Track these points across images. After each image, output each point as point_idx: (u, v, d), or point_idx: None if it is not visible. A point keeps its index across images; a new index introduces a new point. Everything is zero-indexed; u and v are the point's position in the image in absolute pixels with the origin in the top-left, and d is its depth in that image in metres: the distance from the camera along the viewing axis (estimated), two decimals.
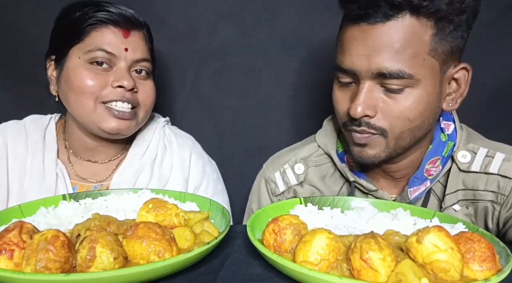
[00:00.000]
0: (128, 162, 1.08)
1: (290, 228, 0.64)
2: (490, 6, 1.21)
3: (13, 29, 1.26)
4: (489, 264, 0.58)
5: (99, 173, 1.08)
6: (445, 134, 0.96)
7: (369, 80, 0.82)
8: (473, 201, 0.91)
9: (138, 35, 1.01)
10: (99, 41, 0.96)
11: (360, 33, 0.81)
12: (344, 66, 0.84)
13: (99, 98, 0.97)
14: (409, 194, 0.93)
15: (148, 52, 1.04)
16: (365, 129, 0.85)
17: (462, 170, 0.91)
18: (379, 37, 0.79)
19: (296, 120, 1.36)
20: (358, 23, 0.81)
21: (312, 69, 1.32)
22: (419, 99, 0.82)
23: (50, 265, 0.54)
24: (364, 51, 0.81)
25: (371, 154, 0.88)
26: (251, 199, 1.11)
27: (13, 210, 0.74)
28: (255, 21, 1.30)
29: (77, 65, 0.97)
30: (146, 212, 0.69)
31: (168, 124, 1.20)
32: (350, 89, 0.87)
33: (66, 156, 1.08)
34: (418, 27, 0.79)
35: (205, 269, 0.63)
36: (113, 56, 0.97)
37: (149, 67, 1.04)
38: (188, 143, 1.15)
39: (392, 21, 0.78)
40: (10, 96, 1.31)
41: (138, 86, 1.01)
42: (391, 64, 0.79)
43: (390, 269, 0.56)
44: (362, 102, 0.82)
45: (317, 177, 1.03)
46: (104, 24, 0.97)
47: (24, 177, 1.01)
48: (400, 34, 0.79)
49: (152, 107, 1.07)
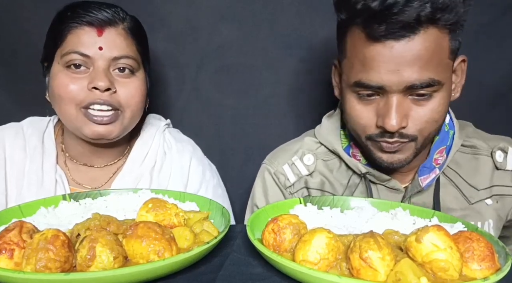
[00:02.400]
0: (127, 168, 1.06)
1: (290, 228, 0.64)
2: (490, 6, 1.21)
3: (13, 29, 1.26)
4: (488, 263, 0.58)
5: (97, 179, 1.06)
6: (446, 125, 1.00)
7: (398, 93, 0.83)
8: (504, 196, 0.98)
9: (114, 31, 0.96)
10: (73, 44, 0.94)
11: (387, 51, 0.80)
12: (372, 83, 0.83)
13: (78, 104, 0.94)
14: (420, 182, 0.96)
15: (130, 48, 0.98)
16: (398, 139, 0.87)
17: (498, 168, 0.98)
18: (407, 52, 0.80)
19: (296, 120, 1.36)
20: (383, 41, 0.80)
21: (312, 69, 1.32)
22: (444, 100, 0.86)
23: (50, 264, 0.54)
24: (393, 67, 0.81)
25: (402, 159, 0.90)
26: (255, 196, 1.10)
27: (13, 210, 0.74)
28: (255, 21, 1.30)
29: (56, 71, 0.96)
30: (146, 211, 0.69)
31: (169, 127, 1.18)
32: (374, 102, 0.87)
33: (63, 160, 1.06)
34: (439, 35, 0.81)
35: (205, 269, 0.63)
36: (88, 58, 0.94)
37: (132, 64, 0.98)
38: (188, 149, 1.14)
39: (417, 35, 0.79)
40: (10, 96, 1.31)
41: (119, 86, 0.96)
42: (422, 75, 0.81)
43: (389, 268, 0.56)
44: (396, 116, 0.83)
45: (326, 169, 1.04)
46: (78, 25, 0.94)
47: (22, 182, 1.00)
48: (426, 46, 0.80)
49: (140, 107, 1.02)
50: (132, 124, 1.04)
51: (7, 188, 1.00)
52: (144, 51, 1.04)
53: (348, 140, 1.04)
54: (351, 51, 0.87)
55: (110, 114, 0.96)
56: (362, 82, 0.84)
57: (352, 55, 0.87)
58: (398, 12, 0.76)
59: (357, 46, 0.85)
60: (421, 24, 0.79)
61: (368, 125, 0.88)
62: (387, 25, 0.78)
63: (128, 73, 0.98)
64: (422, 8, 0.76)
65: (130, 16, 1.01)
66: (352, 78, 0.87)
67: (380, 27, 0.78)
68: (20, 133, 1.05)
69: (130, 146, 1.10)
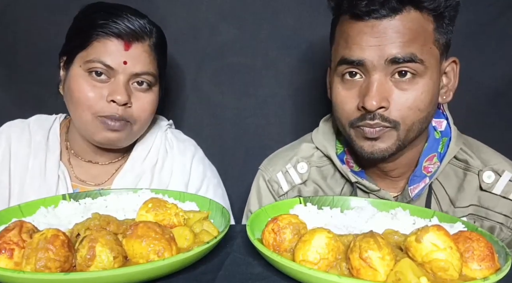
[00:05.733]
0: (128, 166, 1.07)
1: (290, 228, 0.64)
2: (490, 6, 1.21)
3: (13, 29, 1.27)
4: (488, 263, 0.58)
5: (99, 176, 1.07)
6: (438, 132, 0.98)
7: (380, 71, 0.84)
8: (482, 218, 0.94)
9: (141, 47, 0.98)
10: (99, 53, 0.95)
11: (369, 28, 0.83)
12: (353, 58, 0.85)
13: (95, 113, 0.96)
14: (409, 192, 0.94)
15: (152, 64, 1.00)
16: (379, 122, 0.85)
17: (483, 189, 0.94)
18: (389, 29, 0.82)
19: (296, 120, 1.36)
20: (365, 20, 0.83)
21: (312, 69, 1.32)
22: (428, 88, 0.85)
23: (50, 264, 0.54)
24: (375, 42, 0.83)
25: (383, 148, 0.88)
26: (250, 202, 1.11)
27: (13, 209, 0.74)
28: (255, 21, 1.30)
29: (77, 74, 0.97)
30: (146, 211, 0.69)
31: (171, 128, 1.19)
32: (356, 84, 0.87)
33: (67, 158, 1.07)
34: (422, 20, 0.83)
35: (205, 269, 0.63)
36: (111, 69, 0.95)
37: (152, 80, 1.01)
38: (190, 148, 1.15)
39: (398, 15, 0.82)
40: (10, 96, 1.31)
41: (134, 100, 0.99)
42: (403, 50, 0.82)
43: (389, 268, 0.56)
44: (377, 94, 0.83)
45: (320, 177, 1.04)
46: (107, 35, 0.95)
47: (25, 177, 1.01)
48: (409, 26, 0.83)
49: (149, 120, 1.05)
50: (139, 134, 1.07)
51: (10, 183, 1.01)
52: (163, 66, 1.06)
53: (343, 146, 1.04)
54: (338, 35, 0.90)
55: (122, 123, 0.98)
56: (345, 57, 0.86)
57: (338, 37, 0.90)
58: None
59: (343, 28, 0.88)
60: (402, 5, 0.81)
61: (351, 110, 0.88)
62: (368, 2, 0.80)
63: (145, 87, 1.01)
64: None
65: (156, 28, 1.02)
66: (337, 58, 0.88)
67: (362, 4, 0.81)
68: (26, 129, 1.06)
69: (132, 145, 1.11)
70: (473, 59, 1.00)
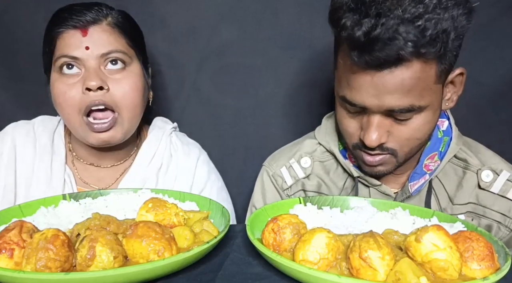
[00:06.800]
0: (133, 170, 1.06)
1: (290, 227, 0.64)
2: (490, 6, 1.21)
3: (13, 29, 1.27)
4: (488, 262, 0.58)
5: (103, 179, 1.07)
6: (441, 131, 0.99)
7: (379, 113, 0.84)
8: (479, 216, 0.96)
9: (99, 28, 0.95)
10: (62, 48, 0.94)
11: (369, 78, 0.81)
12: (354, 102, 0.85)
13: (79, 111, 0.94)
14: (409, 188, 0.96)
15: (118, 42, 0.96)
16: (379, 152, 0.89)
17: (481, 188, 0.95)
18: (388, 82, 0.80)
19: (296, 120, 1.36)
20: (365, 69, 0.80)
21: (312, 69, 1.32)
22: (427, 120, 0.86)
23: (50, 264, 0.54)
24: (374, 92, 0.81)
25: (383, 170, 0.93)
26: (254, 197, 1.12)
27: (13, 209, 0.74)
28: (255, 21, 1.30)
29: (54, 79, 0.96)
30: (146, 211, 0.69)
31: (176, 131, 1.19)
32: (359, 115, 0.89)
33: (70, 160, 1.07)
34: (425, 67, 0.79)
35: (205, 268, 0.63)
36: (77, 59, 0.93)
37: (123, 57, 0.96)
38: (194, 151, 1.14)
39: (399, 67, 0.78)
40: (10, 96, 1.31)
41: (111, 83, 0.95)
42: (402, 102, 0.81)
43: (389, 268, 0.56)
44: (375, 134, 0.85)
45: (323, 172, 1.05)
46: (64, 30, 0.94)
47: (31, 181, 1.00)
48: (409, 76, 0.79)
49: (137, 104, 0.99)
50: (134, 125, 1.03)
51: (16, 186, 1.00)
52: (136, 44, 1.02)
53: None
54: (340, 66, 0.87)
55: (109, 119, 0.95)
56: (347, 99, 0.86)
57: (340, 70, 0.87)
58: (380, 49, 0.75)
59: (345, 64, 0.85)
60: (404, 59, 0.77)
61: (354, 135, 0.91)
62: (368, 56, 0.77)
63: (120, 66, 0.97)
64: (404, 46, 0.74)
65: (116, 11, 1.00)
66: (339, 92, 0.88)
67: (362, 57, 0.78)
68: (31, 131, 1.05)
69: (137, 148, 1.11)
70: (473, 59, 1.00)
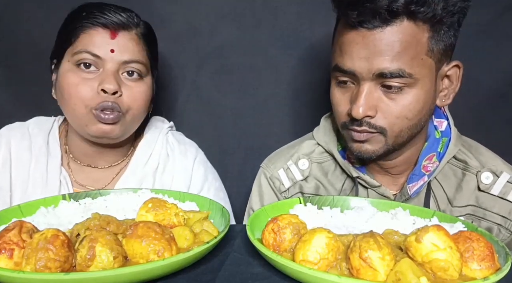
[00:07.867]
0: (130, 170, 1.06)
1: (290, 228, 0.64)
2: (490, 6, 1.21)
3: (13, 29, 1.27)
4: (488, 263, 0.58)
5: (100, 180, 1.06)
6: (439, 131, 0.99)
7: (369, 81, 0.84)
8: (480, 218, 0.94)
9: (128, 35, 0.97)
10: (86, 43, 0.95)
11: (360, 38, 0.82)
12: (345, 67, 0.86)
13: (88, 105, 0.94)
14: (408, 190, 0.95)
15: (141, 53, 0.99)
16: (366, 128, 0.87)
17: (481, 190, 0.94)
18: (379, 41, 0.81)
19: (296, 120, 1.36)
20: (357, 29, 0.82)
21: (312, 69, 1.32)
22: (417, 98, 0.85)
23: (50, 264, 0.54)
24: (364, 54, 0.82)
25: (370, 150, 0.90)
26: (252, 200, 1.11)
27: (13, 209, 0.74)
28: (255, 21, 1.30)
29: (67, 69, 0.96)
30: (146, 211, 0.69)
31: (172, 130, 1.19)
32: (349, 90, 0.89)
33: (66, 162, 1.06)
34: (416, 30, 0.81)
35: (205, 269, 0.63)
36: (99, 58, 0.94)
37: (142, 69, 0.99)
38: (191, 151, 1.14)
39: (390, 26, 0.81)
40: (10, 96, 1.31)
41: (125, 89, 0.97)
42: (392, 65, 0.81)
43: (389, 268, 0.56)
44: (363, 104, 0.84)
45: (321, 173, 1.05)
46: (93, 26, 0.95)
47: (27, 183, 1.00)
48: (399, 37, 0.81)
49: (142, 111, 1.03)
50: (133, 127, 1.04)
51: (11, 188, 1.00)
52: (153, 57, 1.05)
53: (344, 142, 1.04)
54: (336, 37, 0.90)
55: (115, 114, 0.96)
56: (338, 66, 0.87)
57: (335, 41, 0.90)
58: (370, 0, 0.77)
59: (339, 33, 0.88)
60: (395, 16, 0.79)
61: (342, 112, 0.90)
62: (359, 12, 0.79)
63: (136, 77, 0.99)
64: None
65: (143, 21, 1.02)
66: (332, 63, 0.89)
67: (353, 14, 0.80)
68: (26, 133, 1.05)
69: (133, 148, 1.11)
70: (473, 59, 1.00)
